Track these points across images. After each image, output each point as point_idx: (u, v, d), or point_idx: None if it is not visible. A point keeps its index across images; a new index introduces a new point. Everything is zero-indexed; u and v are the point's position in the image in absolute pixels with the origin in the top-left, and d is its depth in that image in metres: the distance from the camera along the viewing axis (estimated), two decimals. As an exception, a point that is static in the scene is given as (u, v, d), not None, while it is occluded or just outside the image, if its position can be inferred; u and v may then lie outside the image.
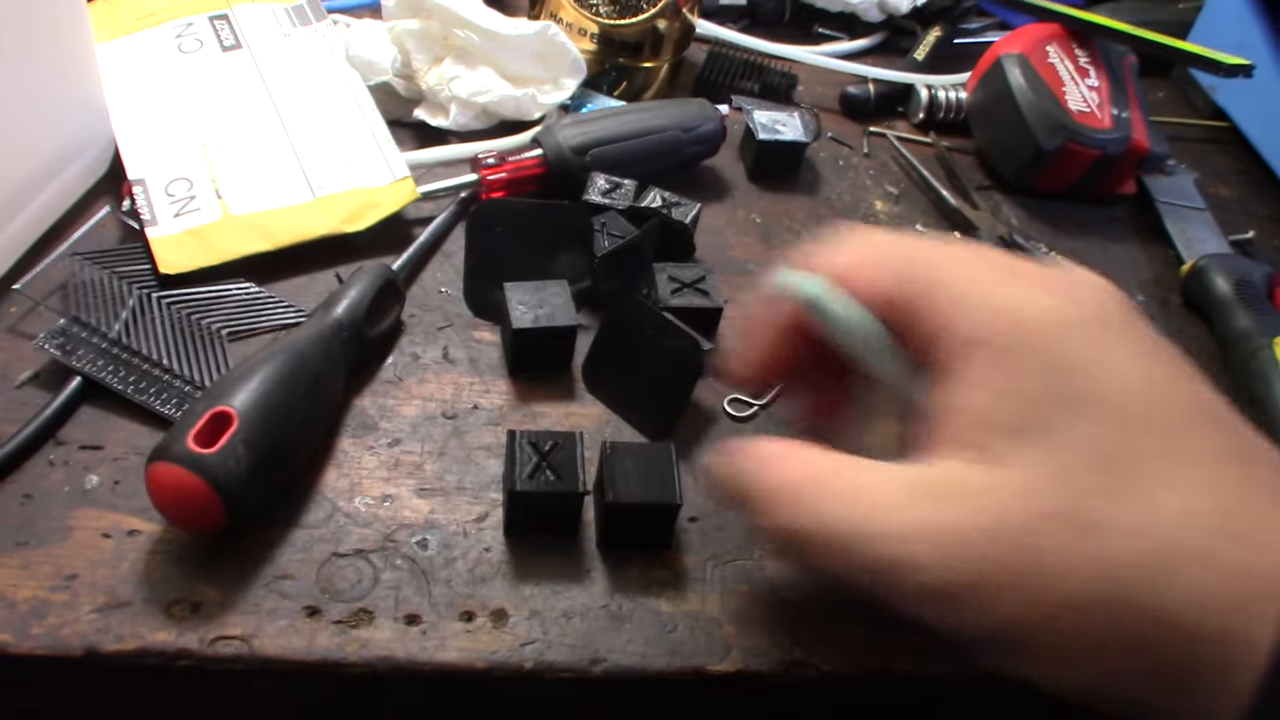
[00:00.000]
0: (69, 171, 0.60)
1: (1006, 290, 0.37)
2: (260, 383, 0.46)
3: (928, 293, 0.38)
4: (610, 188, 0.63)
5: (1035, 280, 0.38)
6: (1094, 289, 0.38)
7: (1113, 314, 0.37)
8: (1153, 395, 0.35)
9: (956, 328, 0.37)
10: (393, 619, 0.45)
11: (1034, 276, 0.38)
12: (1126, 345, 0.36)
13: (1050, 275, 0.38)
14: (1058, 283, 0.38)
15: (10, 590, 0.43)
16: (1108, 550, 0.32)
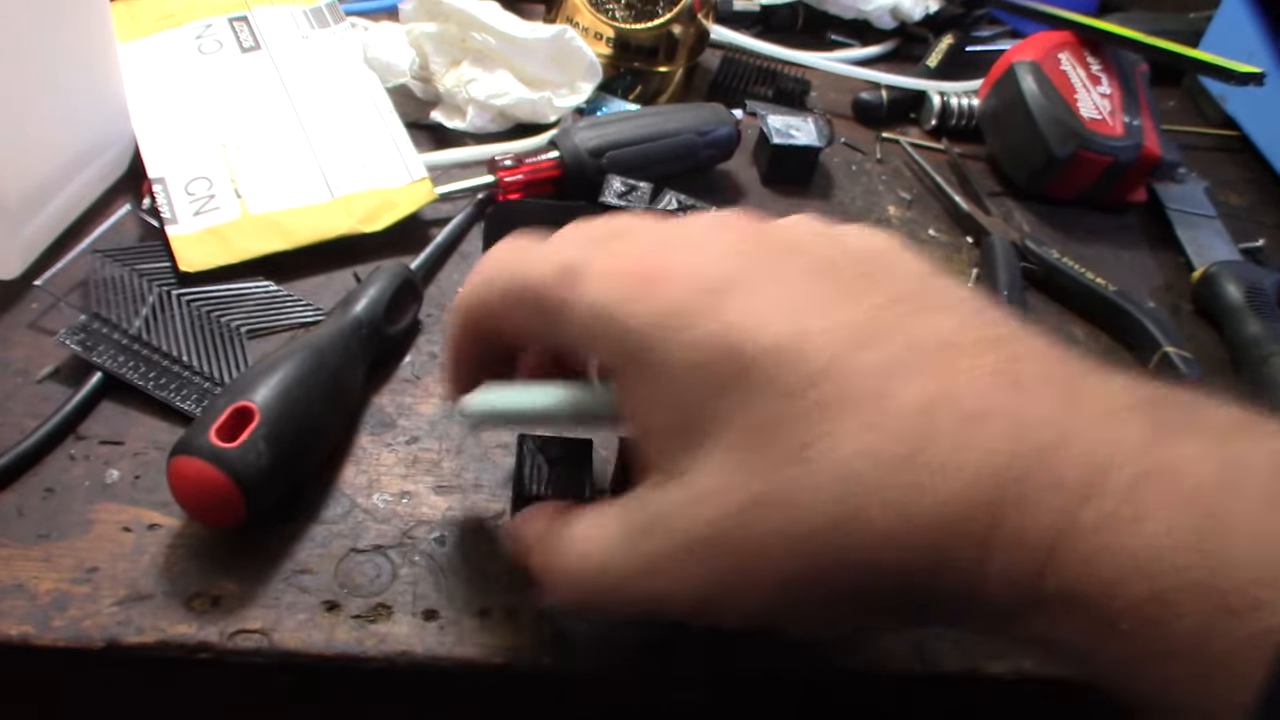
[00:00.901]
0: (90, 170, 0.60)
1: (625, 307, 0.36)
2: (281, 379, 0.46)
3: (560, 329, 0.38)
4: (626, 190, 0.64)
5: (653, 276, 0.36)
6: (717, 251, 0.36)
7: (740, 274, 0.35)
8: (788, 351, 0.33)
9: (601, 356, 0.38)
10: (411, 614, 0.45)
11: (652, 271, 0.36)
12: (756, 306, 0.34)
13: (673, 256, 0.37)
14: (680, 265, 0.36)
15: (32, 582, 0.44)
16: (788, 523, 0.32)
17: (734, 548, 0.33)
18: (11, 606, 0.42)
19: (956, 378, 0.32)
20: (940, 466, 0.31)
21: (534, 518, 0.41)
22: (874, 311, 0.34)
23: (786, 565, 0.33)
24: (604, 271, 0.37)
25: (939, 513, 0.31)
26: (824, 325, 0.33)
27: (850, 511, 0.31)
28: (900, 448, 0.31)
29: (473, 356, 0.44)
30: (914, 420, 0.31)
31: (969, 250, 0.75)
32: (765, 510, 0.33)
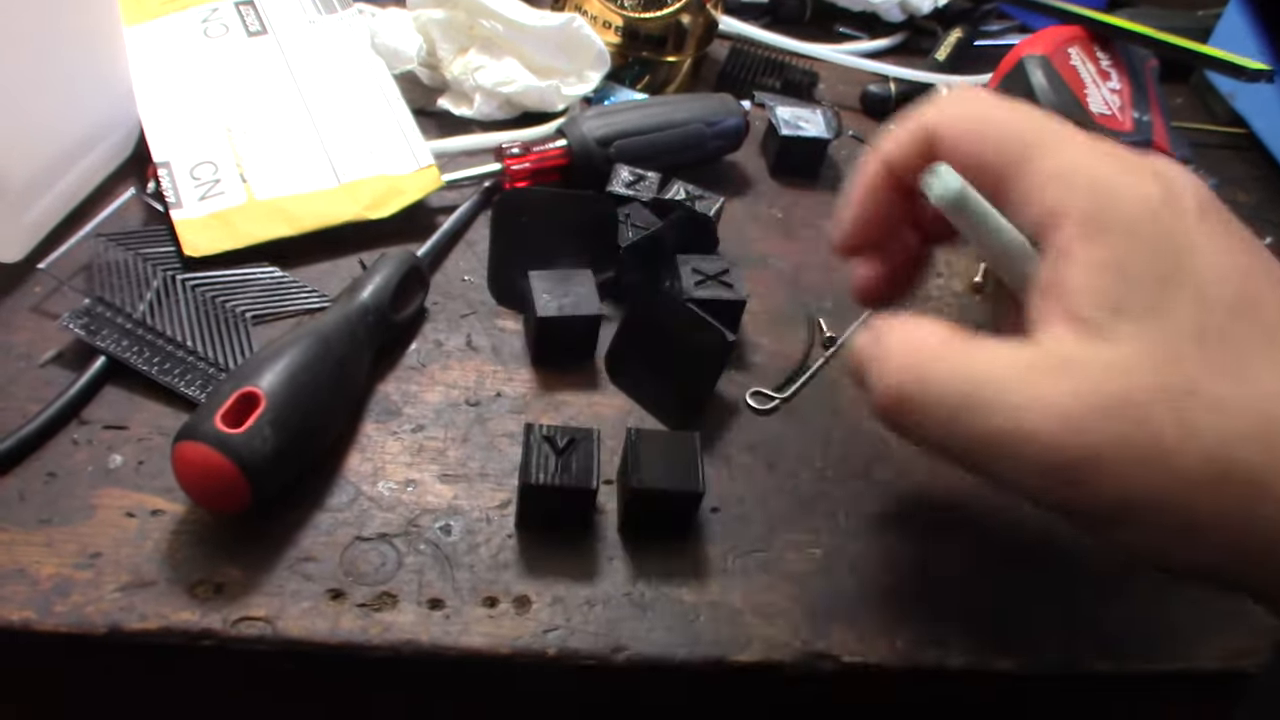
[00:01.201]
0: (95, 153, 0.60)
1: (1109, 171, 0.37)
2: (287, 365, 0.46)
3: (1028, 168, 0.38)
4: (634, 180, 0.63)
5: (1135, 164, 0.38)
6: (1187, 180, 0.38)
7: (1206, 205, 0.37)
8: (1249, 282, 0.35)
9: (1063, 206, 0.37)
10: (416, 603, 0.45)
11: (1133, 160, 0.38)
12: (1222, 235, 0.36)
13: (1147, 162, 0.38)
14: (1156, 169, 0.38)
15: (34, 567, 0.43)
16: (1215, 425, 0.33)
17: (1151, 423, 0.34)
18: (13, 592, 0.42)
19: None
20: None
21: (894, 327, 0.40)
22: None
23: (1196, 461, 0.33)
24: (1090, 142, 0.39)
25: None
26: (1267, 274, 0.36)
27: (1273, 441, 0.33)
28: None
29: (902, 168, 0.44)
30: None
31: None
32: (1199, 401, 0.33)
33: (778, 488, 0.53)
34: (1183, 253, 0.35)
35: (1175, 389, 0.34)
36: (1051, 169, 0.38)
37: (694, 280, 0.58)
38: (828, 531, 0.51)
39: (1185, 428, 0.33)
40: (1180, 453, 0.33)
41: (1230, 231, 0.37)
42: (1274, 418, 0.33)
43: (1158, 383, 0.34)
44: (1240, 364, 0.34)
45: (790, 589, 0.48)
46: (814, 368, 0.60)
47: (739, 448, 0.54)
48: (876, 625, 0.47)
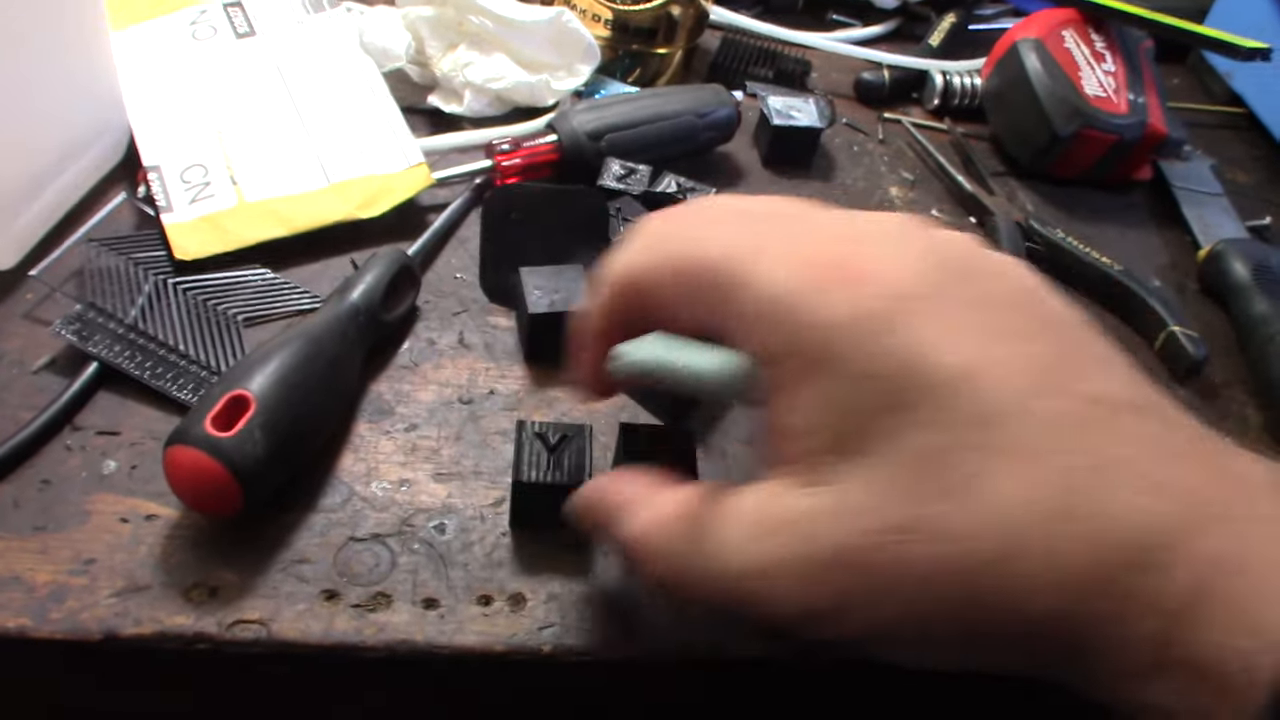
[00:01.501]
0: (84, 158, 0.60)
1: (807, 293, 0.34)
2: (277, 367, 0.46)
3: (730, 311, 0.36)
4: (625, 173, 0.63)
5: (841, 272, 0.34)
6: (913, 260, 0.34)
7: (934, 290, 0.34)
8: (976, 382, 0.32)
9: (766, 344, 0.35)
10: (410, 603, 0.45)
11: (840, 265, 0.34)
12: (948, 328, 0.33)
13: (862, 253, 0.35)
14: (870, 264, 0.34)
15: (29, 574, 0.43)
16: (944, 554, 0.32)
17: (874, 567, 0.32)
18: (8, 599, 0.42)
19: (1124, 439, 0.32)
20: (1101, 524, 0.31)
21: (626, 482, 0.40)
22: (1061, 359, 0.33)
23: (926, 594, 0.32)
24: (787, 256, 0.35)
25: (1093, 568, 0.30)
26: (1007, 365, 0.32)
27: (1006, 553, 0.31)
28: (1066, 499, 0.31)
29: (617, 330, 0.42)
30: (1082, 476, 0.31)
31: (972, 231, 0.74)
32: (917, 536, 0.32)
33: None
34: (891, 374, 0.32)
35: (894, 528, 0.32)
36: (751, 308, 0.35)
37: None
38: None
39: (908, 566, 0.32)
40: (908, 590, 0.32)
41: (964, 314, 0.33)
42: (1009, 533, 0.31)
43: (876, 525, 0.32)
44: (967, 480, 0.31)
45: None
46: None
47: (735, 440, 0.54)
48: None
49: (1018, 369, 0.32)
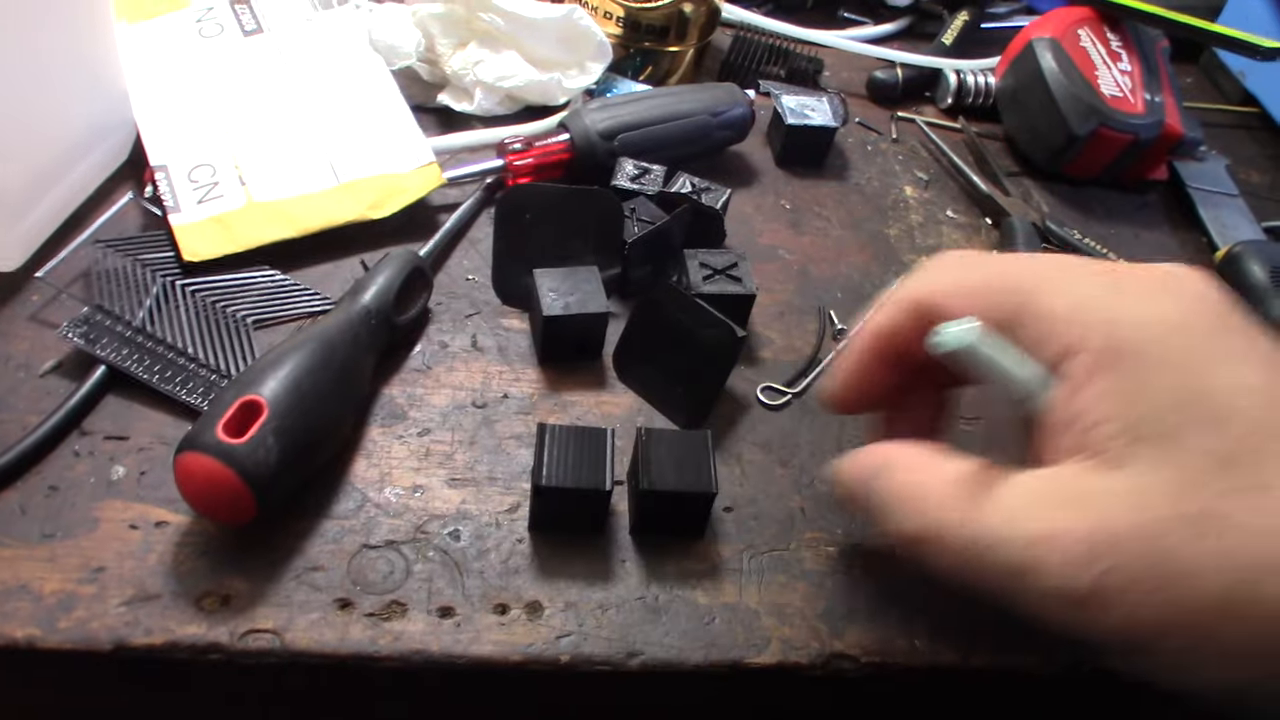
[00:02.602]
0: (90, 158, 0.59)
1: (1118, 299, 0.37)
2: (290, 371, 0.45)
3: (1031, 313, 0.39)
4: (639, 173, 0.62)
5: (1145, 287, 0.38)
6: (1201, 293, 0.37)
7: (1222, 318, 0.37)
8: (1272, 398, 0.34)
9: (1074, 341, 0.37)
10: (426, 611, 0.44)
11: (1143, 282, 0.38)
12: (1239, 349, 0.36)
13: (1155, 278, 0.38)
14: (1165, 286, 0.38)
15: (37, 583, 0.42)
16: (1234, 551, 0.32)
17: (1167, 553, 0.33)
18: (16, 608, 0.41)
19: None
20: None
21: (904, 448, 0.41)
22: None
23: (1212, 588, 0.32)
24: (1080, 273, 0.39)
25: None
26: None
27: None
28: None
29: (889, 349, 0.44)
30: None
31: (988, 232, 0.73)
32: (1217, 528, 0.32)
33: (792, 485, 0.52)
34: (1200, 375, 0.35)
35: (1192, 518, 0.33)
36: (1057, 309, 0.38)
37: (702, 274, 0.57)
38: (843, 529, 0.50)
39: (1203, 558, 0.32)
40: (1198, 583, 0.33)
41: (1252, 345, 0.36)
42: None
43: (1173, 513, 0.33)
44: (1262, 488, 0.33)
45: (806, 589, 0.47)
46: (825, 361, 0.59)
47: (751, 445, 0.53)
48: (895, 624, 0.46)
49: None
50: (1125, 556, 0.33)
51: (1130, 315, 0.36)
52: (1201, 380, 0.35)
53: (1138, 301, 0.37)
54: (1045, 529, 0.35)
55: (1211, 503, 0.33)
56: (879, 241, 0.69)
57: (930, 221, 0.72)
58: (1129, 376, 0.35)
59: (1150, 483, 0.34)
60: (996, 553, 0.36)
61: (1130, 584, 0.33)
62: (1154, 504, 0.33)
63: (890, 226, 0.71)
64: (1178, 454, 0.34)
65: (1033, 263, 0.41)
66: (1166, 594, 0.33)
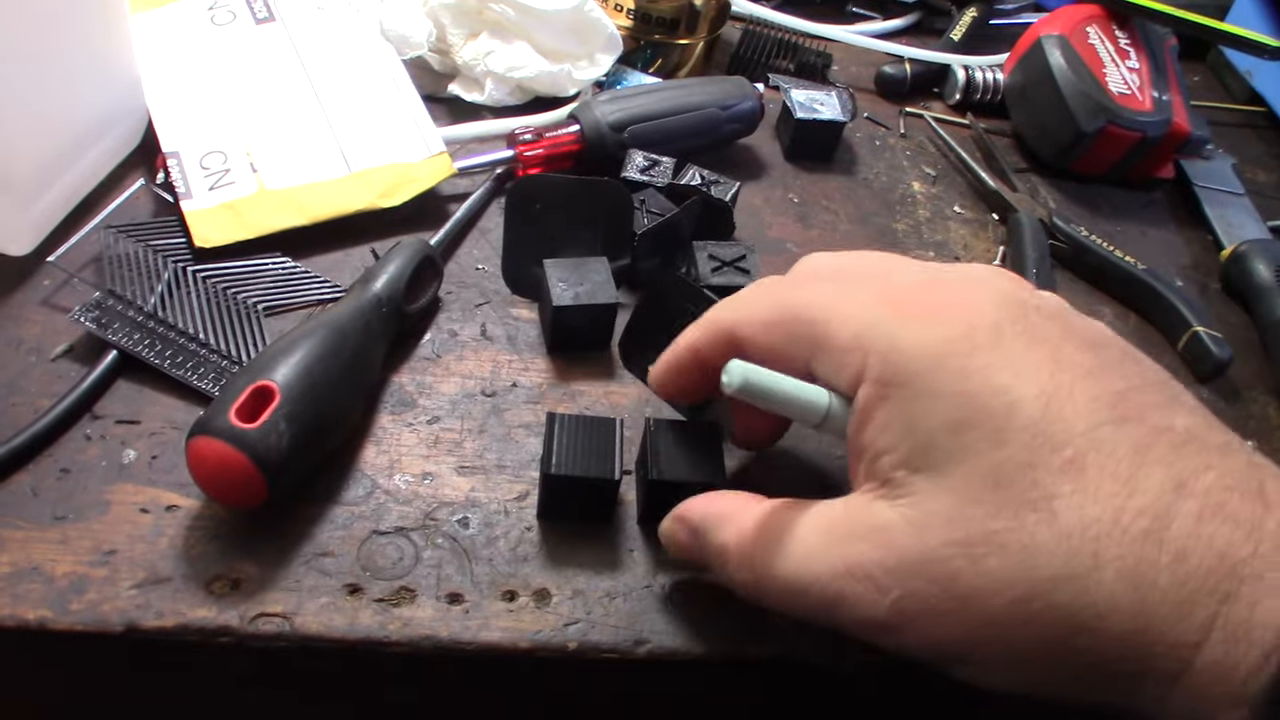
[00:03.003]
0: (102, 143, 0.59)
1: (896, 324, 0.37)
2: (302, 357, 0.45)
3: (824, 346, 0.39)
4: (649, 165, 0.63)
5: (923, 306, 0.38)
6: (987, 297, 0.38)
7: (1009, 323, 0.37)
8: (1050, 407, 0.34)
9: (853, 370, 0.38)
10: (435, 598, 0.44)
11: (921, 301, 0.38)
12: (1021, 357, 0.36)
13: (940, 292, 0.39)
14: (948, 300, 0.38)
15: (49, 565, 0.43)
16: (1014, 569, 0.33)
17: (951, 577, 0.34)
18: (28, 590, 0.42)
19: (1205, 471, 0.33)
20: (1181, 548, 0.32)
21: (735, 502, 0.42)
22: (1131, 392, 0.35)
23: (1001, 606, 0.33)
24: (875, 296, 0.39)
25: (1171, 591, 0.31)
26: (1090, 392, 0.35)
27: (1084, 570, 0.32)
28: (1145, 522, 0.32)
29: (706, 364, 0.45)
30: (1163, 499, 0.32)
31: (995, 228, 0.73)
32: (996, 548, 0.33)
33: (798, 475, 0.52)
34: (976, 394, 0.35)
35: (972, 540, 0.34)
36: (843, 338, 0.39)
37: (710, 266, 0.57)
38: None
39: (985, 579, 0.33)
40: (984, 604, 0.33)
41: (1036, 349, 0.36)
42: (1078, 555, 0.32)
43: (954, 536, 0.34)
44: (1043, 499, 0.33)
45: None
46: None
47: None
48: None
49: (1089, 398, 0.35)
50: (914, 584, 0.35)
51: (907, 341, 0.37)
52: (977, 400, 0.35)
53: (916, 325, 0.37)
54: (842, 564, 0.36)
55: (986, 524, 0.34)
56: (886, 236, 0.70)
57: (937, 217, 0.73)
58: (904, 405, 0.36)
59: (929, 511, 0.35)
60: (809, 594, 0.37)
61: (923, 609, 0.35)
62: (934, 531, 0.34)
63: (898, 221, 0.71)
64: (953, 479, 0.35)
65: (829, 290, 0.41)
66: (958, 615, 0.34)
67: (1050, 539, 0.33)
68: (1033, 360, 0.36)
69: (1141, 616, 0.32)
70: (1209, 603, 0.31)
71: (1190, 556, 0.31)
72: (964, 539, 0.34)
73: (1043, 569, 0.33)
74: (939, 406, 0.35)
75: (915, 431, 0.36)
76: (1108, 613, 0.32)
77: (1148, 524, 0.32)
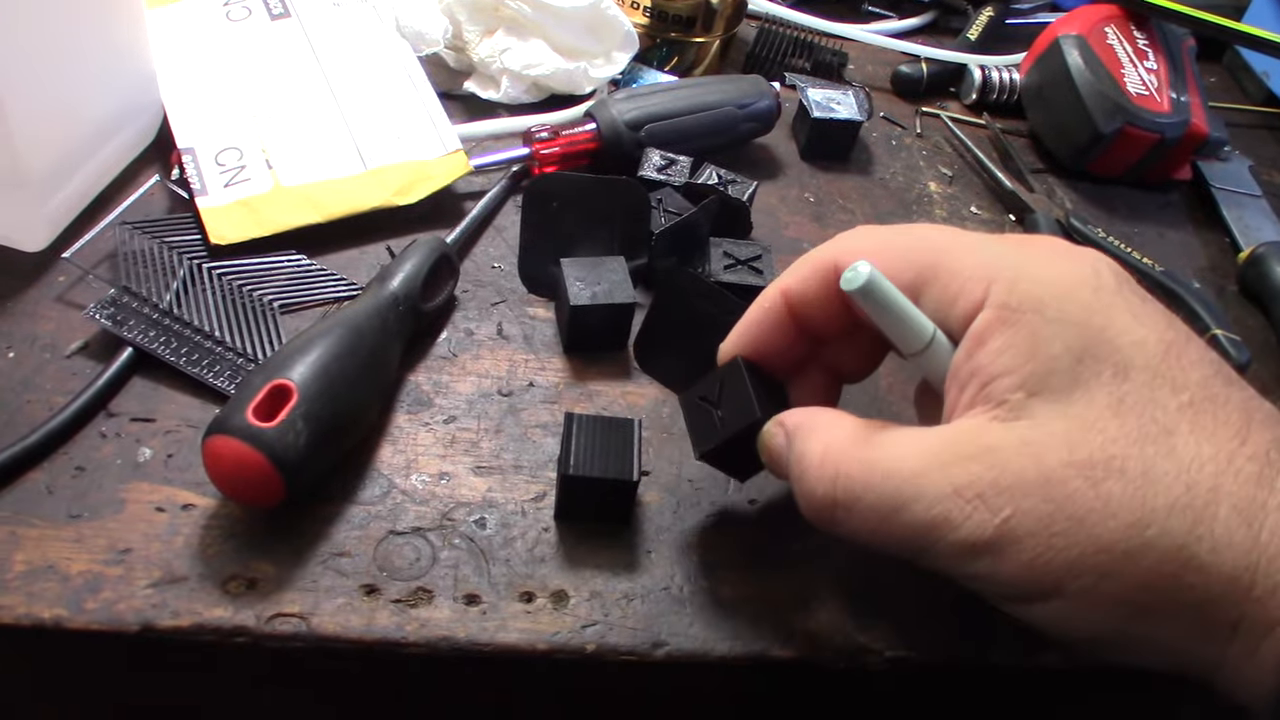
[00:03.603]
0: (117, 139, 0.59)
1: (1022, 258, 0.38)
2: (319, 356, 0.45)
3: (937, 267, 0.40)
4: (665, 164, 0.62)
5: (1049, 250, 0.39)
6: (1104, 261, 0.39)
7: (1119, 282, 0.38)
8: (1169, 354, 0.36)
9: (978, 296, 0.38)
10: (452, 599, 0.44)
11: (1047, 246, 0.40)
12: (1140, 309, 0.37)
13: (1055, 243, 0.40)
14: (1072, 251, 0.39)
15: (64, 564, 0.42)
16: (1130, 495, 0.33)
17: (1068, 497, 0.34)
18: (44, 588, 0.41)
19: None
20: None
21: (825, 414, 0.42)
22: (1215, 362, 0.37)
23: (1116, 530, 0.33)
24: (997, 237, 0.41)
25: (1269, 549, 0.32)
26: (1201, 352, 0.37)
27: (1201, 502, 0.33)
28: (1256, 467, 0.34)
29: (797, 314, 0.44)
30: (1273, 451, 0.34)
31: (1011, 228, 0.73)
32: (1116, 473, 0.34)
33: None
34: (1101, 328, 0.36)
35: (1092, 463, 0.34)
36: (966, 265, 0.39)
37: (723, 264, 0.57)
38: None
39: (1103, 501, 0.34)
40: (1100, 526, 0.33)
41: (1148, 306, 0.38)
42: (1196, 488, 0.33)
43: (1074, 458, 0.34)
44: (1162, 434, 0.34)
45: (832, 581, 0.47)
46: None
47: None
48: (921, 618, 0.46)
49: (1200, 356, 0.37)
50: (1026, 503, 0.34)
51: (1033, 272, 0.37)
52: (1099, 334, 0.36)
53: (1042, 260, 0.38)
54: (948, 484, 0.36)
55: (1107, 449, 0.34)
56: (903, 236, 0.69)
57: (954, 217, 0.72)
58: (1028, 331, 0.36)
59: (1048, 433, 0.35)
60: (905, 514, 0.37)
61: (1032, 530, 0.34)
62: (1051, 452, 0.35)
63: (914, 221, 0.71)
64: (1074, 404, 0.35)
65: (944, 229, 0.42)
66: (1067, 538, 0.34)
67: (1170, 469, 0.33)
68: (1147, 312, 0.37)
69: (1253, 553, 0.32)
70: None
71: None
72: (1085, 461, 0.34)
73: (1161, 496, 0.33)
74: (1065, 334, 0.36)
75: (1038, 356, 0.36)
76: (1222, 547, 0.32)
77: (1259, 469, 0.33)
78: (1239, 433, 0.34)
